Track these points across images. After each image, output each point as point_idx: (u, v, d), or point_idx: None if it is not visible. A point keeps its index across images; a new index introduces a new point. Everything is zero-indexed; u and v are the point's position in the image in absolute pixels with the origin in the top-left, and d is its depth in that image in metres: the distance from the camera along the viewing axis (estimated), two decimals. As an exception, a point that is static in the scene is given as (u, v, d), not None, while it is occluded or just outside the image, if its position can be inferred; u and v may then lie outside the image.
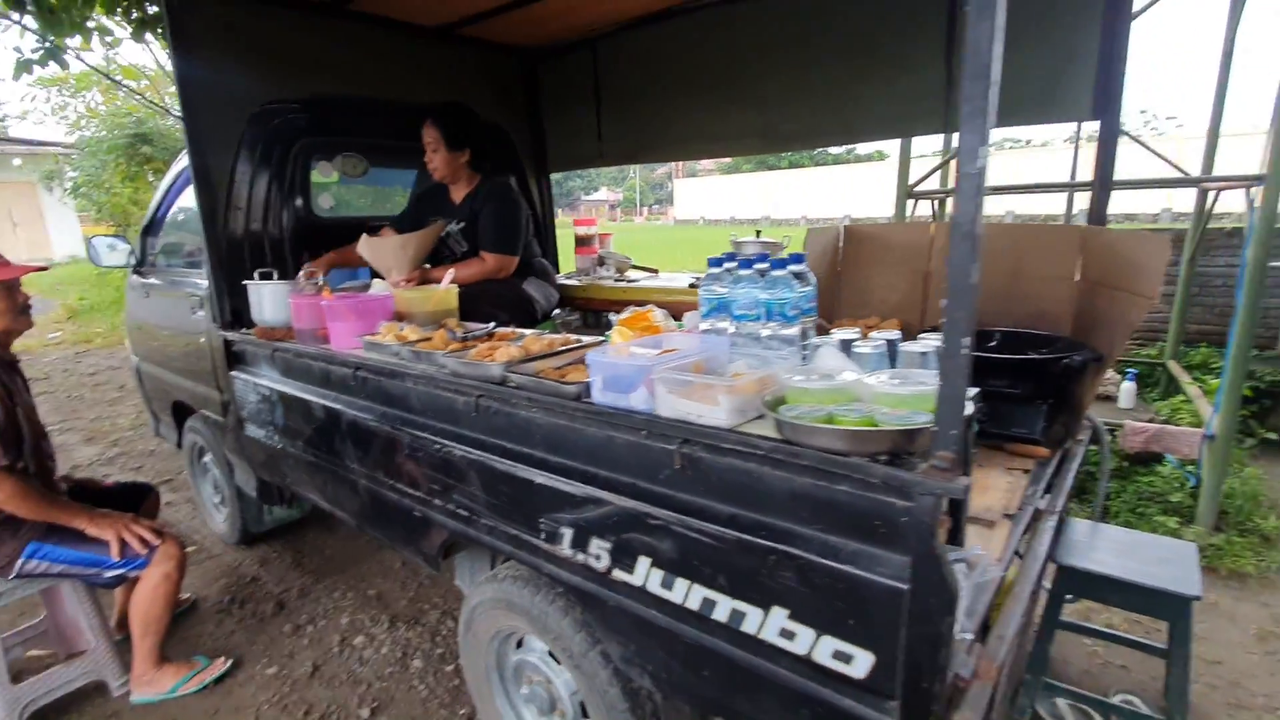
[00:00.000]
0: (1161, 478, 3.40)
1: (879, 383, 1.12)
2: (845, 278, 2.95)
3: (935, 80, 2.64)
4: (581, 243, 3.62)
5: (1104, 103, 2.32)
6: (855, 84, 2.84)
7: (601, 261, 3.54)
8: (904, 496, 1.00)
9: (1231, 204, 4.68)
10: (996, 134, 1.21)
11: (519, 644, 1.95)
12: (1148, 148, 4.05)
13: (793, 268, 1.43)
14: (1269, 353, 4.70)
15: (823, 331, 2.45)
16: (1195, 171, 4.17)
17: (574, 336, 1.90)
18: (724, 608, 1.25)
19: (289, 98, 3.03)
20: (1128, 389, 3.93)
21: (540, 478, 1.55)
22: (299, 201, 3.10)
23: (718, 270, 1.51)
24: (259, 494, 3.08)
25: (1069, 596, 2.17)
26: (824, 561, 1.09)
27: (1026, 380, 2.21)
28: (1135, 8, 2.73)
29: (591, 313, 3.37)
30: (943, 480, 0.95)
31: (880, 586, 1.04)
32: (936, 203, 4.55)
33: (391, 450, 2.01)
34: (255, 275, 2.58)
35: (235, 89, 2.82)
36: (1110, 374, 4.20)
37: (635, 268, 3.59)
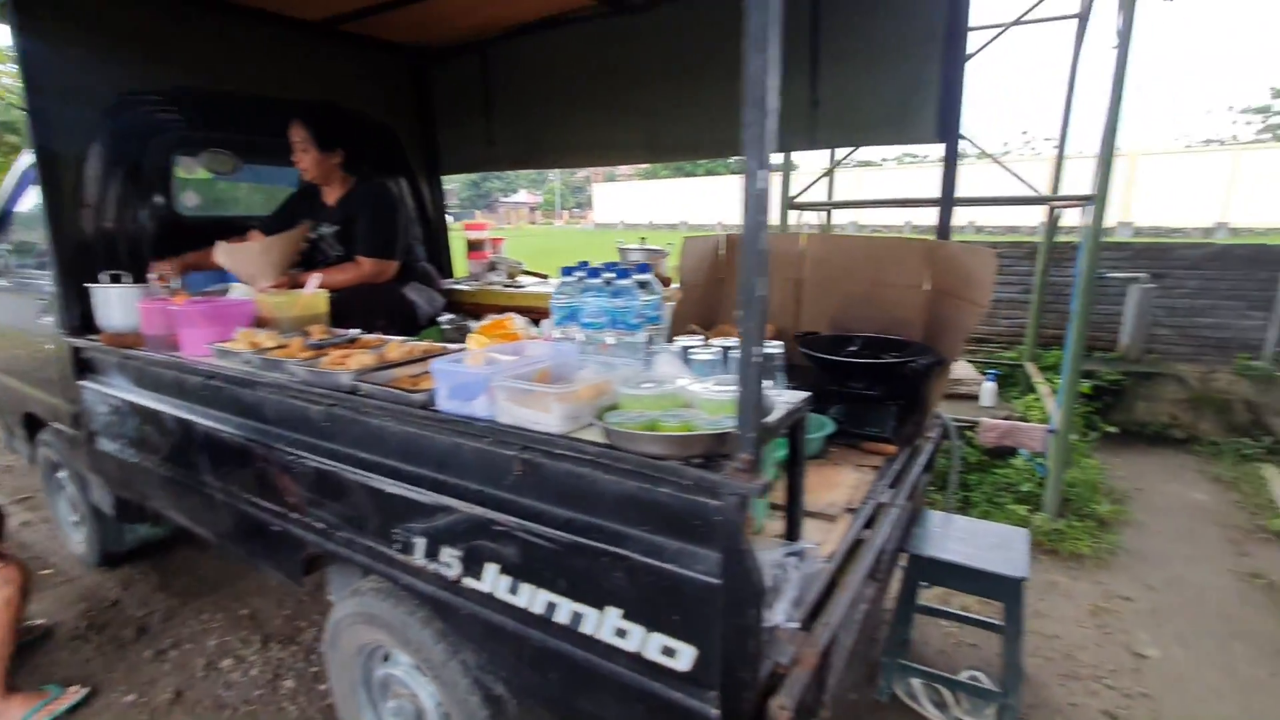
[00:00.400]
0: (1015, 470, 3.71)
1: (703, 389, 1.18)
2: (727, 284, 3.06)
3: (801, 99, 2.79)
4: (473, 247, 3.58)
5: (946, 128, 2.52)
6: (732, 101, 2.94)
7: (493, 266, 3.51)
8: (714, 496, 1.06)
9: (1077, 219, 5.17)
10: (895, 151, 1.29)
11: (385, 658, 1.92)
12: (1005, 167, 4.41)
13: (637, 277, 1.48)
14: (1111, 354, 5.22)
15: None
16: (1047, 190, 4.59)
17: (439, 345, 1.88)
18: (565, 610, 1.28)
19: (150, 89, 2.85)
20: (989, 389, 4.27)
21: (393, 487, 1.54)
22: (159, 199, 2.91)
23: (569, 279, 1.54)
24: (117, 512, 2.87)
25: (923, 583, 2.35)
26: (650, 561, 1.14)
27: (878, 383, 2.37)
28: (971, 49, 2.99)
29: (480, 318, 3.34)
30: (743, 481, 1.02)
31: (697, 583, 1.09)
32: (825, 214, 4.78)
33: (248, 463, 1.93)
34: (104, 277, 2.41)
35: (89, 77, 2.63)
36: (974, 375, 4.55)
37: (526, 273, 3.59)
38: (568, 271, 1.57)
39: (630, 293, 1.45)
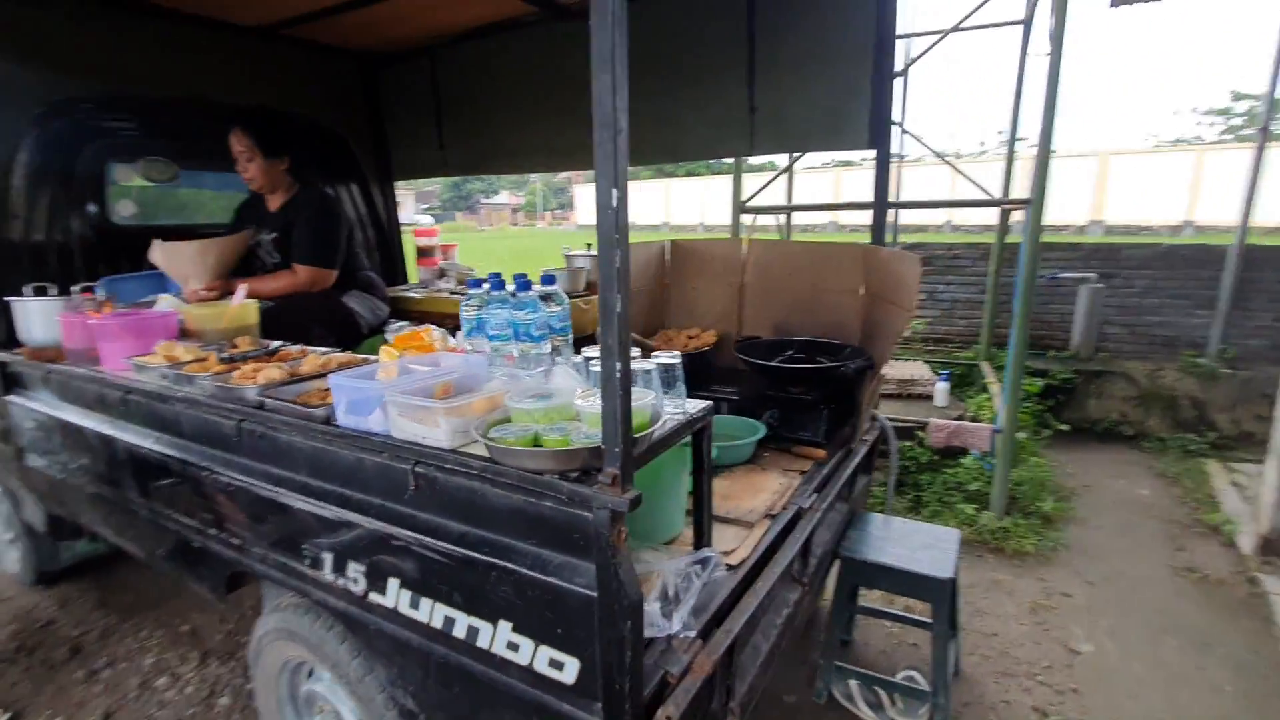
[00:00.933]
0: (965, 469, 3.76)
1: (588, 402, 1.19)
2: (673, 290, 3.08)
3: (739, 105, 2.81)
4: (423, 254, 3.56)
5: (877, 134, 2.55)
6: (673, 106, 2.98)
7: (442, 273, 3.50)
8: (587, 509, 1.06)
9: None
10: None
11: (310, 673, 1.90)
12: (957, 169, 4.49)
13: (540, 289, 1.49)
14: (1064, 353, 5.32)
15: (641, 347, 2.54)
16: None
17: (359, 357, 1.87)
18: (462, 624, 1.28)
19: (82, 96, 2.80)
20: (942, 389, 4.32)
21: (301, 503, 1.52)
22: (93, 208, 2.86)
23: (476, 291, 1.54)
24: (50, 529, 2.82)
25: (859, 586, 2.37)
26: (536, 575, 1.14)
27: (811, 387, 2.40)
28: (916, 53, 3.04)
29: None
30: (612, 494, 1.02)
31: (577, 595, 1.10)
32: (783, 217, 4.82)
33: (168, 479, 1.90)
34: (28, 290, 2.37)
35: (14, 85, 2.58)
36: (929, 375, 4.60)
37: (477, 280, 3.57)
38: (474, 284, 1.57)
39: (533, 304, 1.45)
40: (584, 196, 50.11)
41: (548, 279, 1.53)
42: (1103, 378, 5.01)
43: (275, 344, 2.06)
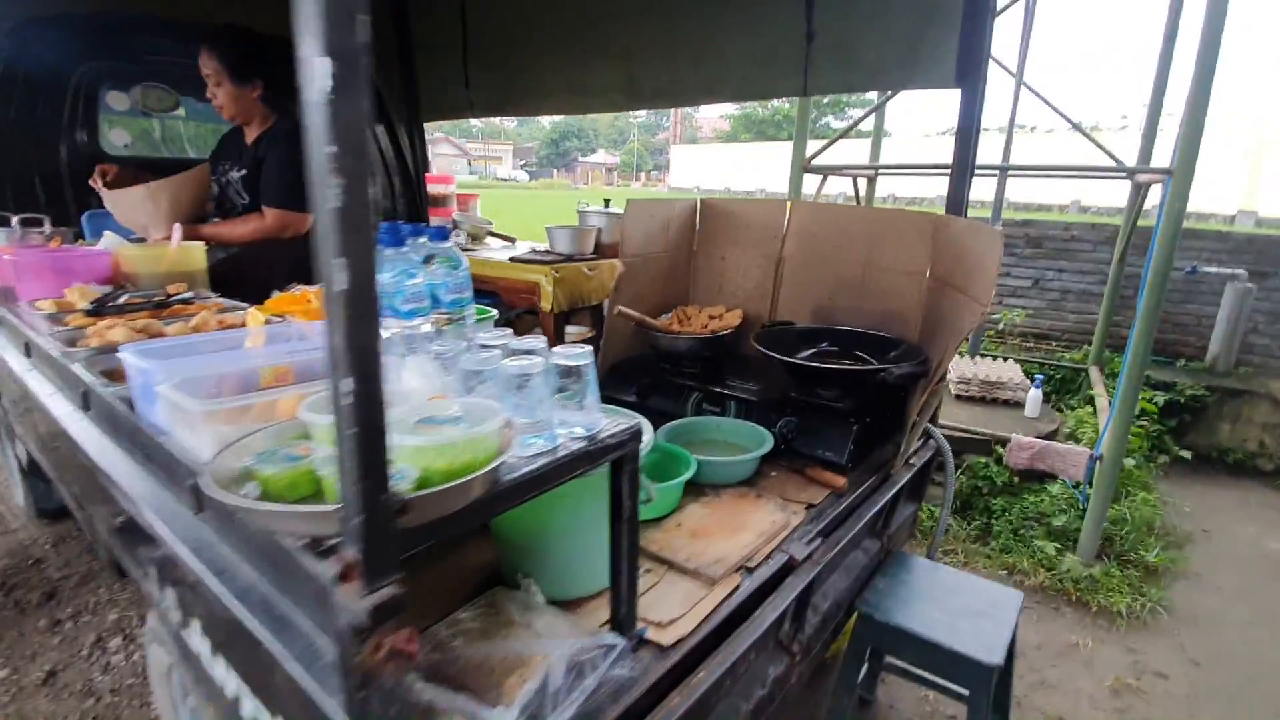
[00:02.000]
0: (1050, 497, 3.12)
1: (412, 433, 0.78)
2: (700, 259, 2.60)
3: (794, 39, 2.26)
4: (435, 203, 3.23)
5: (967, 70, 1.95)
6: (716, 39, 2.46)
7: (454, 225, 3.16)
8: (327, 609, 0.66)
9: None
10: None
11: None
12: (1085, 134, 3.69)
13: (418, 243, 1.08)
14: (1196, 364, 4.42)
15: (642, 325, 2.08)
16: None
17: (261, 320, 1.53)
18: (248, 705, 0.93)
19: (71, 12, 2.59)
20: (1034, 397, 3.63)
21: (124, 499, 1.21)
22: (82, 136, 2.68)
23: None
24: (29, 469, 2.73)
25: (875, 650, 1.88)
26: (289, 684, 0.76)
27: (839, 392, 1.89)
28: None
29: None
30: (348, 594, 0.61)
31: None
32: (864, 180, 4.16)
33: (52, 438, 1.65)
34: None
35: None
36: (1021, 378, 3.90)
37: (493, 235, 3.21)
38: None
39: (401, 265, 1.05)
40: (680, 158, 49.21)
41: (438, 233, 1.12)
42: (1242, 397, 4.11)
43: (187, 294, 1.76)
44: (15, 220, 2.16)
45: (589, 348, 0.98)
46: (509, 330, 1.09)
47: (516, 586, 1.21)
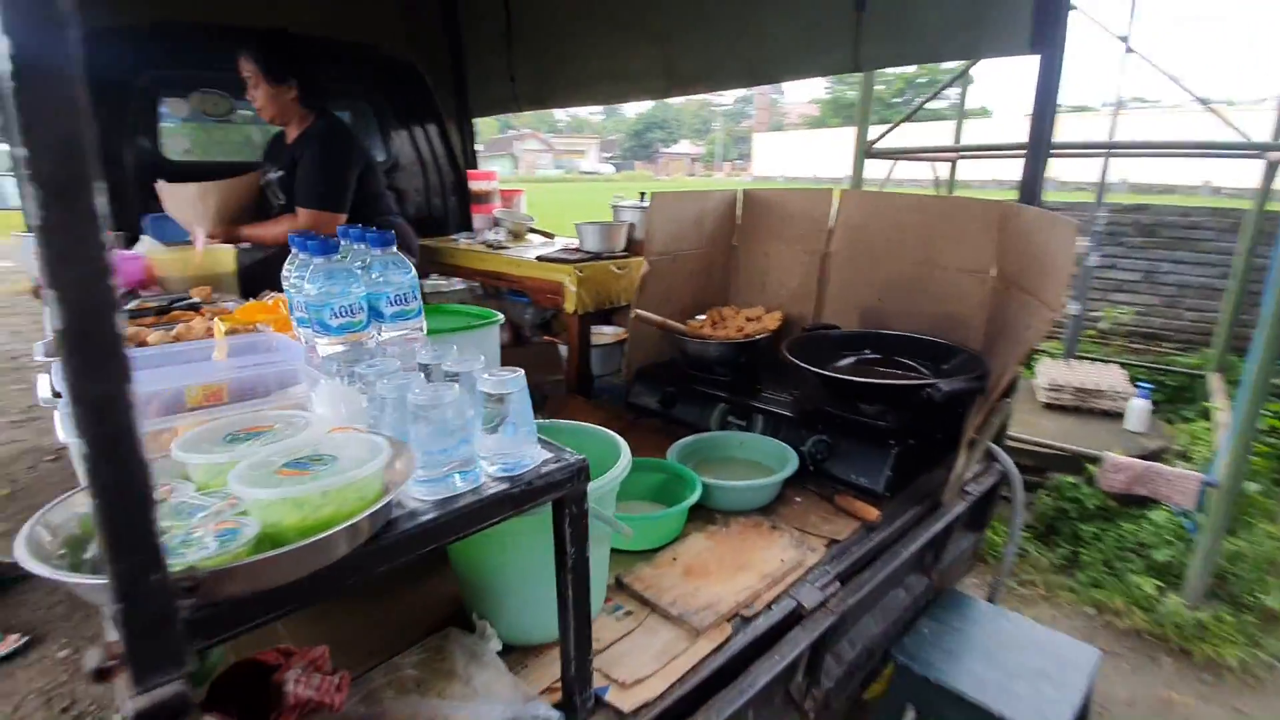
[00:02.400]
0: (1151, 526, 2.72)
1: (246, 466, 0.67)
2: (741, 254, 2.41)
3: (842, 9, 2.02)
4: (476, 200, 3.18)
5: (1043, 33, 1.65)
6: (756, 16, 2.25)
7: (495, 223, 3.09)
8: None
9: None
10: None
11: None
12: (1205, 103, 3.19)
13: (352, 250, 0.97)
14: (1347, 371, 3.76)
15: (669, 329, 1.94)
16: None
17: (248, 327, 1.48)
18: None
19: (128, 24, 2.69)
20: (1139, 408, 3.19)
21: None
22: (144, 142, 2.79)
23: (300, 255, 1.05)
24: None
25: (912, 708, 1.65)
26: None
27: (878, 409, 1.67)
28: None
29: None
30: (124, 692, 0.50)
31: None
32: (940, 170, 3.80)
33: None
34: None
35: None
36: (1124, 385, 3.44)
37: (535, 231, 3.13)
38: (301, 244, 1.08)
39: (333, 275, 0.95)
40: (763, 146, 48.11)
41: (381, 238, 1.01)
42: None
43: (195, 300, 1.76)
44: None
45: (520, 372, 0.85)
46: (489, 358, 0.97)
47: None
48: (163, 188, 2.35)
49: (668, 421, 2.03)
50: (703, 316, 2.26)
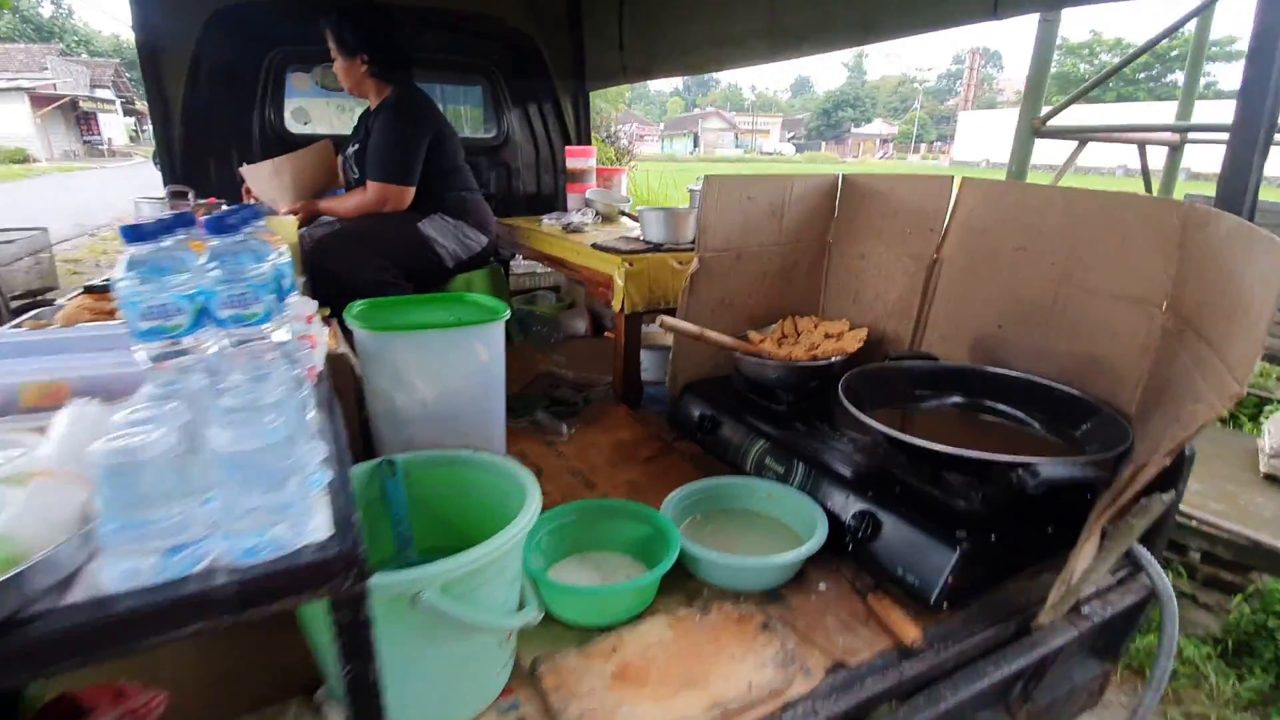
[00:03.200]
0: None
1: None
2: (834, 254, 2.00)
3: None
4: (572, 178, 2.99)
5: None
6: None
7: (586, 204, 2.88)
8: None
9: None
10: None
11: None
12: None
13: (186, 239, 0.80)
14: None
15: (715, 344, 1.65)
16: None
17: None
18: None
19: (260, 1, 2.82)
20: None
21: None
22: (270, 114, 2.93)
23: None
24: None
25: None
26: None
27: (955, 481, 1.23)
28: None
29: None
30: None
31: None
32: (1161, 154, 2.95)
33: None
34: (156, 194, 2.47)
35: None
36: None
37: (625, 215, 2.88)
38: (130, 234, 0.92)
39: (151, 265, 0.77)
40: (968, 126, 43.53)
41: (214, 223, 0.82)
42: None
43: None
44: (166, 191, 2.39)
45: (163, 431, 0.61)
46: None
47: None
48: (245, 171, 2.42)
49: (710, 450, 1.70)
50: (773, 327, 1.89)
